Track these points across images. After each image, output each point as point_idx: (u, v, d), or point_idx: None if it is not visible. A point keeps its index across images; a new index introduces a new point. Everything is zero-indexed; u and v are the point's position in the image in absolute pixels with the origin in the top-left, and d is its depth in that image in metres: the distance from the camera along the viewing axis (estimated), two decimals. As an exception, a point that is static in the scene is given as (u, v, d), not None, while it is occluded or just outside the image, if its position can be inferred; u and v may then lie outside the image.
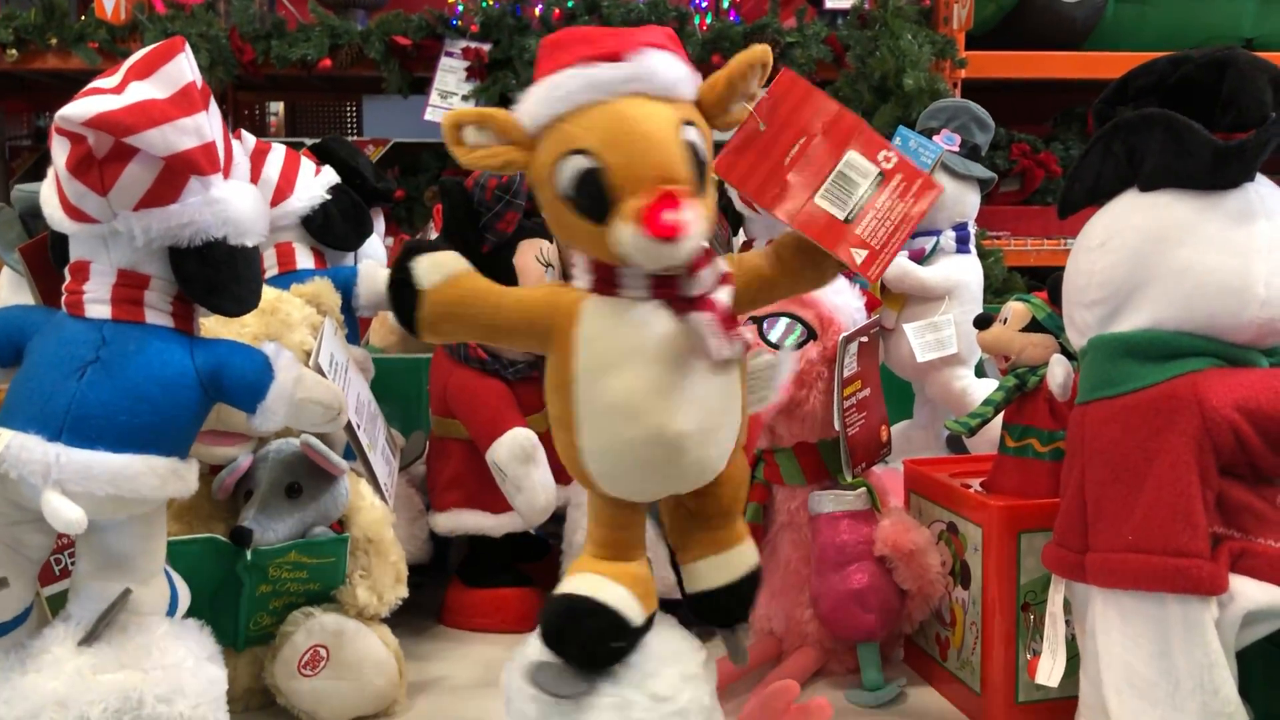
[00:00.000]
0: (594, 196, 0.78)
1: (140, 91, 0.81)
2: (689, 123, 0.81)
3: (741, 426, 0.88)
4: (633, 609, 0.88)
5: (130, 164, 0.81)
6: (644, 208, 0.75)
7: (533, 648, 0.89)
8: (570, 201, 0.80)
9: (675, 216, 0.75)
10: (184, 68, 0.83)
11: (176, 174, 0.82)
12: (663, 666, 0.89)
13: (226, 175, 0.86)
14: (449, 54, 2.54)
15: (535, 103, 0.81)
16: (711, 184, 0.83)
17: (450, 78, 2.53)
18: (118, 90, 0.82)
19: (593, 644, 0.86)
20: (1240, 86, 0.85)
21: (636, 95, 0.79)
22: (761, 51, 0.82)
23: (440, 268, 0.85)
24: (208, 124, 0.83)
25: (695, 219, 0.76)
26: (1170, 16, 2.63)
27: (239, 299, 0.88)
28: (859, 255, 0.85)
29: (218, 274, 0.86)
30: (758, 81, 0.83)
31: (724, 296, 0.82)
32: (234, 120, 3.30)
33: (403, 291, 0.85)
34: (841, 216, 0.85)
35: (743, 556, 0.93)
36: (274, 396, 0.87)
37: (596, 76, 0.79)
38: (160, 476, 0.84)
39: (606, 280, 0.83)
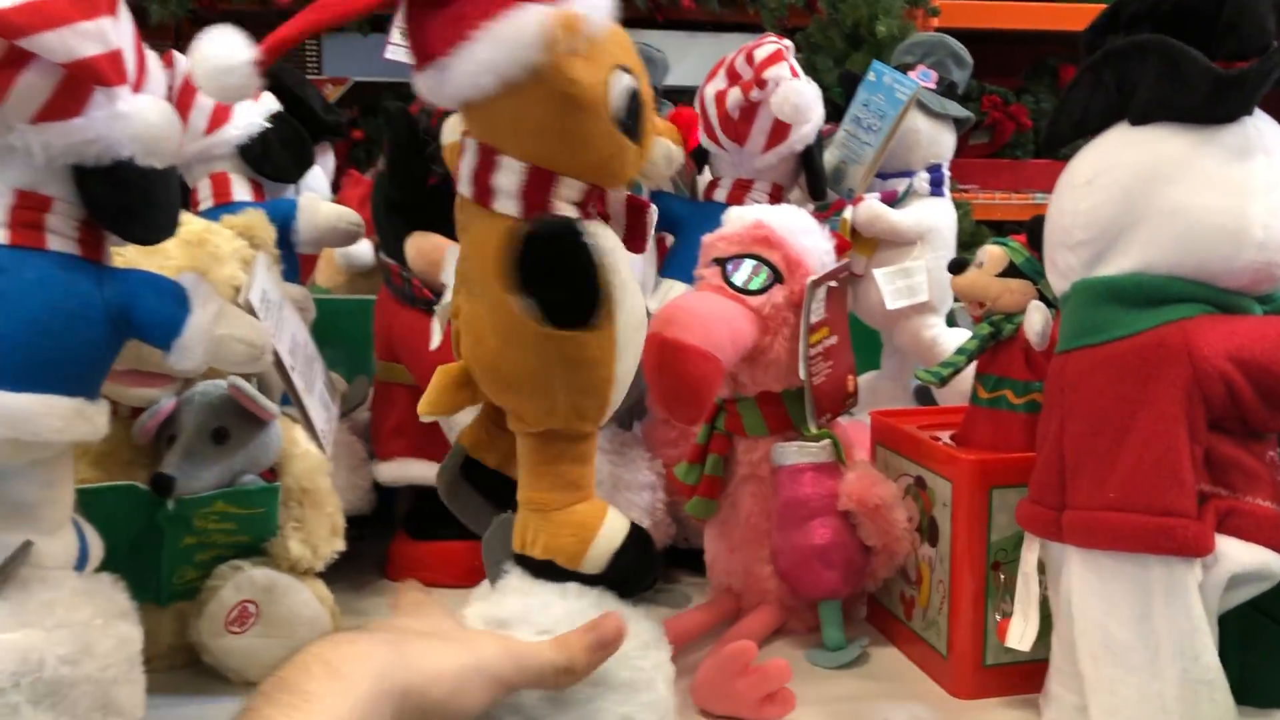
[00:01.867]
0: (638, 116, 0.76)
1: (36, -10, 0.73)
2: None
3: None
4: None
5: (26, 71, 0.73)
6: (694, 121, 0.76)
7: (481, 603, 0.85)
8: (622, 123, 0.75)
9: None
10: (85, -36, 0.75)
11: (79, 84, 0.74)
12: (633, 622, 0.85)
13: (137, 88, 0.78)
14: (411, -10, 2.44)
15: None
16: None
17: (413, 15, 2.45)
18: (10, -12, 0.73)
19: (655, 572, 0.88)
20: (1241, 12, 0.79)
21: None
22: None
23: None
24: (114, 29, 0.75)
25: None
26: (1146, -34, 2.58)
27: (152, 225, 0.81)
28: None
29: (127, 197, 0.78)
30: None
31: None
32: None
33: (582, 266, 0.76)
34: None
35: None
36: (191, 333, 0.80)
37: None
38: (63, 418, 0.77)
39: (542, 205, 0.76)
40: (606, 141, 0.76)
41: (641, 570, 0.85)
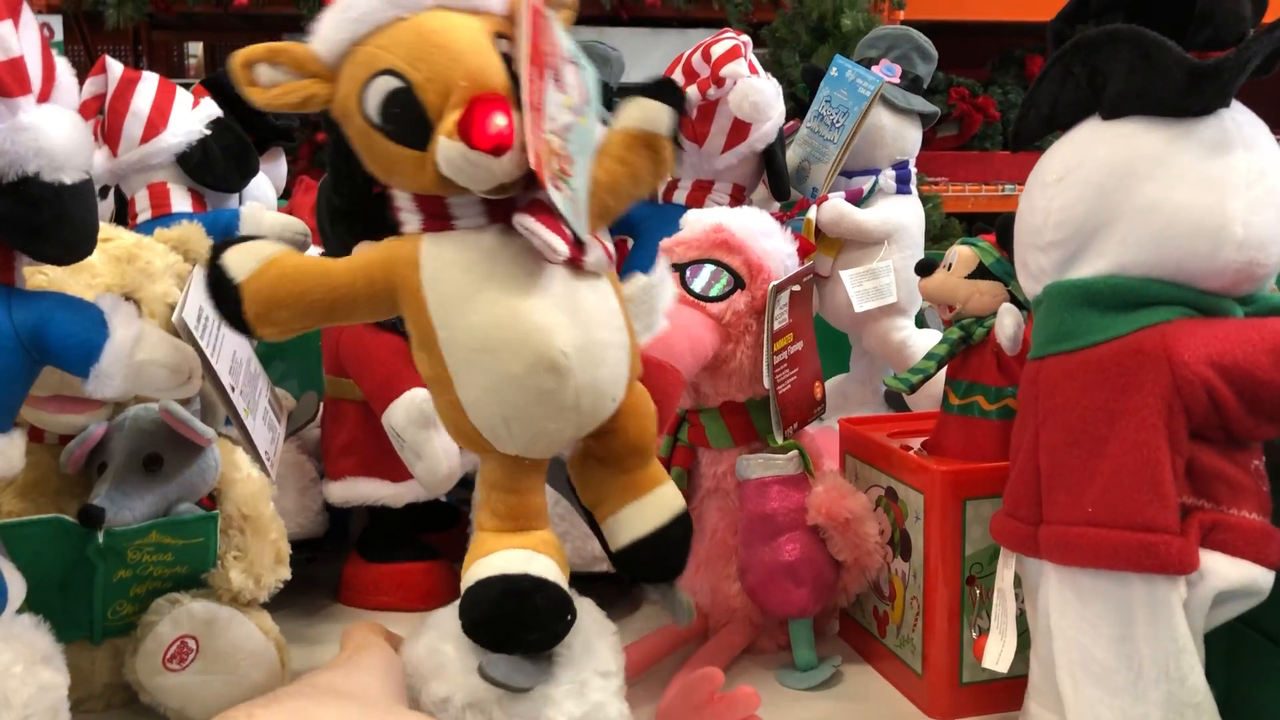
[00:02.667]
0: (409, 119, 0.72)
1: (-74, -5, 0.68)
2: (502, 35, 0.75)
3: (632, 353, 0.82)
4: (563, 579, 0.81)
5: (-82, 82, 0.68)
6: (463, 117, 0.69)
7: (447, 638, 0.82)
8: (383, 130, 0.73)
9: (501, 124, 0.69)
10: (-18, -34, 0.70)
11: (-23, 94, 0.69)
12: (598, 640, 0.83)
13: (44, 99, 0.73)
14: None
15: (330, 27, 0.74)
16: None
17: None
18: (-103, -6, 0.68)
19: (547, 624, 0.79)
20: (1216, 0, 0.75)
21: (439, 9, 0.74)
22: None
23: (253, 254, 0.77)
24: (14, 37, 0.70)
25: (519, 129, 0.70)
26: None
27: (67, 244, 0.76)
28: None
29: (37, 214, 0.73)
30: None
31: (550, 196, 0.74)
32: (149, 62, 3.12)
33: (222, 290, 0.76)
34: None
35: (666, 499, 0.87)
36: (109, 358, 0.76)
37: None
38: (-29, 454, 0.72)
39: (437, 215, 0.76)
40: (375, 148, 0.75)
41: (506, 617, 0.77)
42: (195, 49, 3.33)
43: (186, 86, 1.34)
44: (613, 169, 0.81)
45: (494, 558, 0.80)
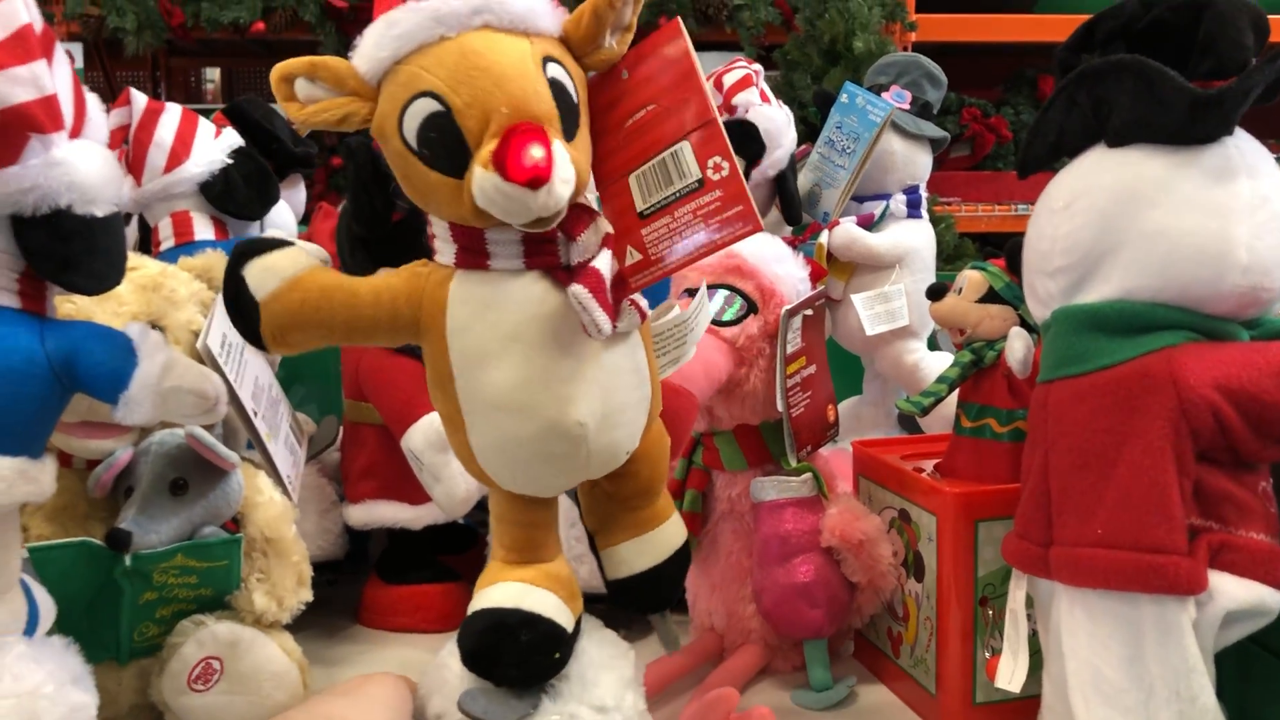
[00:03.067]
0: (446, 144, 0.69)
1: (-36, 35, 0.70)
2: (552, 59, 0.71)
3: (653, 399, 0.80)
4: (564, 614, 0.80)
5: (-44, 120, 0.70)
6: (498, 148, 0.65)
7: (455, 655, 0.81)
8: (420, 154, 0.70)
9: (538, 155, 0.65)
10: (17, 7, 0.71)
11: (12, 131, 0.71)
12: (602, 673, 0.82)
13: (75, 134, 0.75)
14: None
15: (372, 44, 0.71)
16: (585, 130, 0.73)
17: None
18: (-64, 34, 0.70)
19: (530, 660, 0.78)
20: (1219, 29, 0.76)
21: (485, 29, 0.70)
22: None
23: (274, 272, 0.75)
24: (48, 74, 0.72)
25: (563, 161, 0.67)
26: (1121, -22, 2.57)
27: (97, 275, 0.77)
28: (631, 256, 0.74)
29: (68, 247, 0.75)
30: (631, 12, 0.73)
31: (606, 262, 0.72)
32: (167, 88, 3.16)
33: (241, 305, 0.75)
34: (640, 208, 0.73)
35: (666, 537, 0.86)
36: (137, 385, 0.77)
37: (439, 9, 0.69)
38: (5, 480, 0.73)
39: (472, 250, 0.73)
40: (412, 172, 0.72)
41: (488, 651, 0.78)
42: (212, 74, 3.36)
43: (206, 113, 1.37)
44: None
45: (492, 590, 0.81)
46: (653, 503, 0.86)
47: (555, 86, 0.70)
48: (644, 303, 0.75)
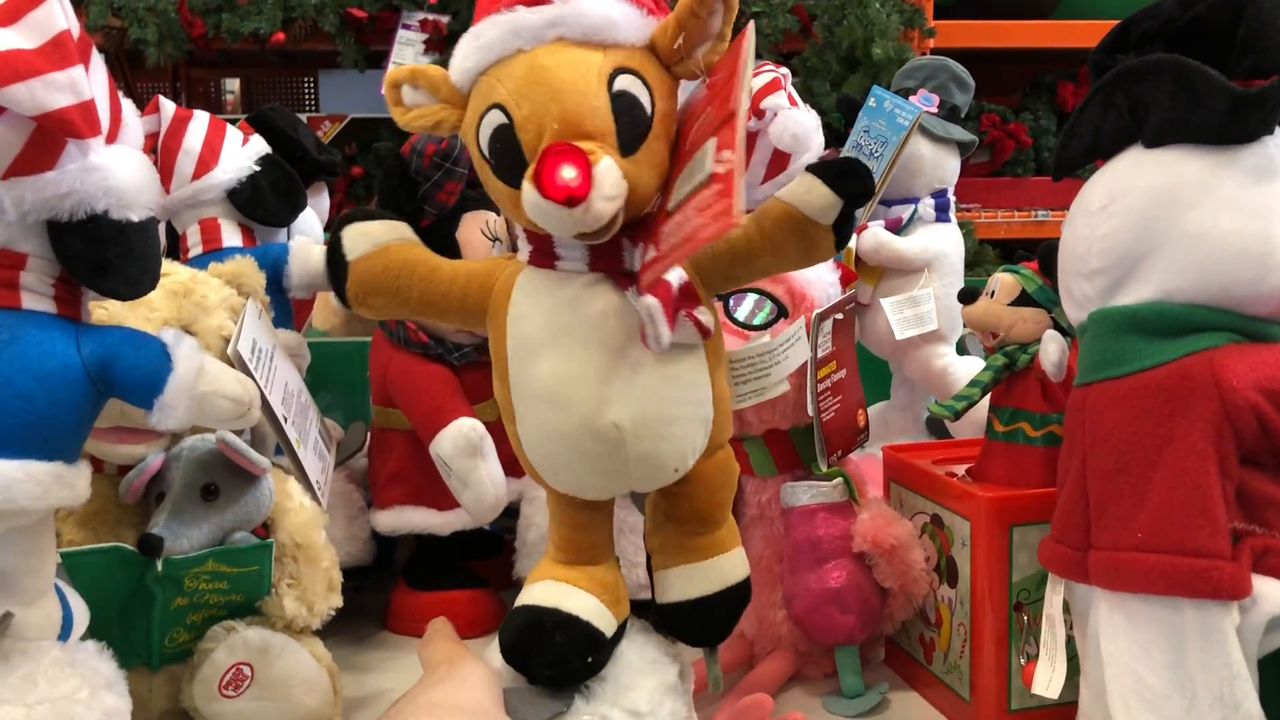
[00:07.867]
0: (508, 156, 0.71)
1: (3, 40, 0.70)
2: (626, 70, 0.71)
3: (720, 422, 0.79)
4: (603, 618, 0.80)
5: (-6, 124, 0.70)
6: (536, 165, 0.67)
7: (495, 658, 0.81)
8: (489, 163, 0.73)
9: (569, 176, 0.65)
10: (55, 13, 0.72)
11: (50, 136, 0.71)
12: (640, 678, 0.81)
13: (111, 139, 0.75)
14: (406, 26, 2.45)
15: (461, 55, 0.74)
16: (659, 141, 0.73)
17: (408, 51, 2.45)
18: (-25, 40, 0.70)
19: (563, 660, 0.78)
20: (1259, 27, 0.75)
21: (559, 41, 0.70)
22: None
23: (368, 236, 0.78)
24: (85, 80, 0.72)
25: (609, 179, 0.67)
26: (1140, -16, 2.57)
27: (131, 280, 0.77)
28: (647, 253, 0.73)
29: (104, 251, 0.75)
30: (721, 21, 0.72)
31: (675, 274, 0.72)
32: (188, 98, 3.18)
33: (335, 262, 0.79)
34: (669, 206, 0.72)
35: (722, 569, 0.84)
36: (172, 390, 0.77)
37: (517, 22, 0.70)
38: (41, 484, 0.73)
39: (543, 250, 0.75)
40: (487, 179, 0.75)
41: (523, 649, 0.79)
42: (232, 85, 3.39)
43: (231, 122, 1.38)
44: (754, 239, 0.77)
45: (535, 587, 0.82)
46: (712, 531, 0.84)
47: (622, 99, 0.70)
48: (706, 319, 0.75)
